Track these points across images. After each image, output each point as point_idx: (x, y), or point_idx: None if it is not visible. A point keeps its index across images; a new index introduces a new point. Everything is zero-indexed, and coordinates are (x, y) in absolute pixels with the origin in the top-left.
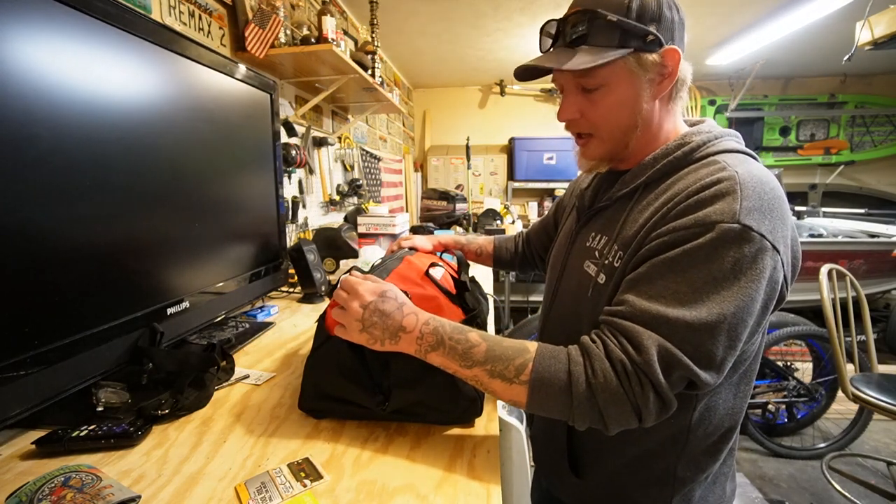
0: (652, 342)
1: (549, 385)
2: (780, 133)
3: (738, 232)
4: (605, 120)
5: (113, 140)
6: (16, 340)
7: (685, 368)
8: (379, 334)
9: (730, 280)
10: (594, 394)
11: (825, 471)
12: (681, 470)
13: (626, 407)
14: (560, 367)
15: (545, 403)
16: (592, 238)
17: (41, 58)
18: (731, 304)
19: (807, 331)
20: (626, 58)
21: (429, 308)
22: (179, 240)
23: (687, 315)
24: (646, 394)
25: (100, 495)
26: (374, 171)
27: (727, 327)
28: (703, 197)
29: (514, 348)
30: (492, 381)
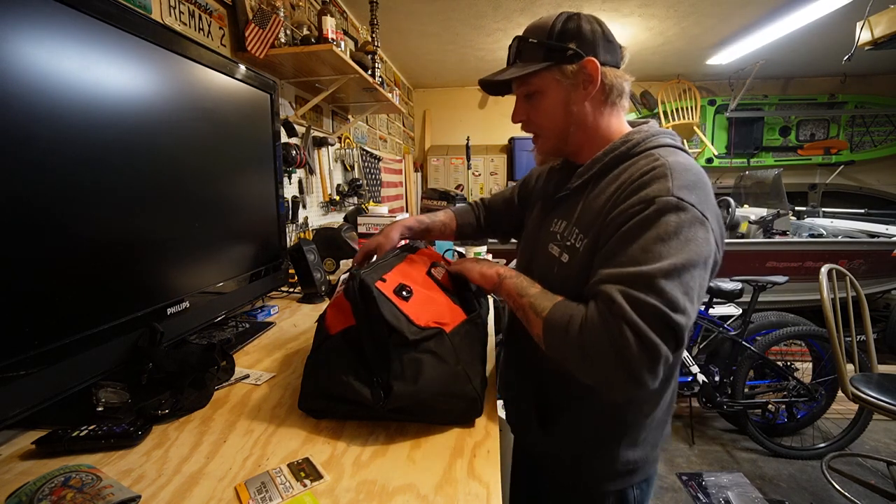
0: (618, 292)
1: (556, 321)
2: (780, 133)
3: (674, 202)
4: (544, 120)
5: (113, 140)
6: (16, 340)
7: (653, 309)
8: (481, 264)
9: (674, 238)
10: (582, 334)
11: (825, 471)
12: (630, 416)
13: (607, 348)
14: (567, 310)
15: (551, 338)
16: (555, 223)
17: (41, 58)
18: (680, 256)
19: (807, 331)
20: (551, 69)
21: (430, 307)
22: (179, 240)
23: (642, 268)
24: (626, 335)
25: (100, 495)
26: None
27: (678, 273)
28: (642, 181)
29: (549, 296)
30: (530, 312)
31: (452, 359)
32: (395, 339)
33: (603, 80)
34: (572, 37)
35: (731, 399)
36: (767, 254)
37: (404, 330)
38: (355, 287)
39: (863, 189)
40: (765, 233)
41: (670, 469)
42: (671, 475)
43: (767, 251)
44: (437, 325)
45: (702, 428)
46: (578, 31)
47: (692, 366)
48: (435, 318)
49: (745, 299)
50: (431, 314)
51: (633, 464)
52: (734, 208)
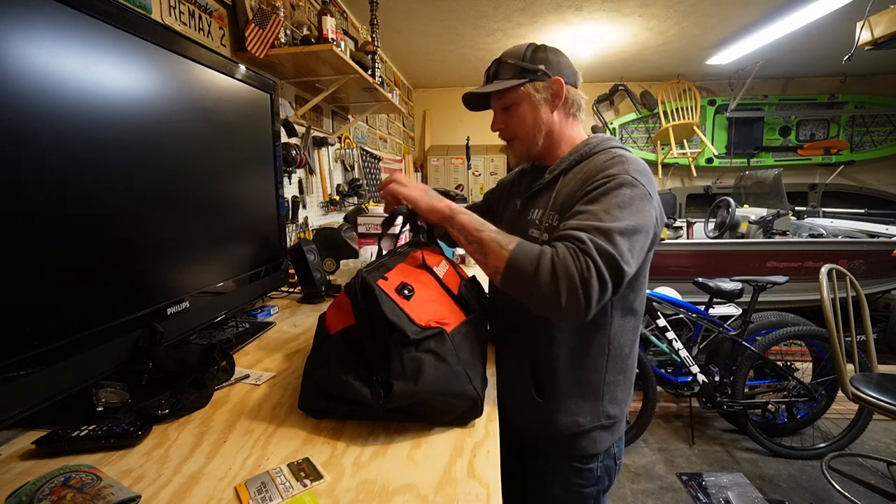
0: (586, 237)
1: (524, 256)
2: (780, 133)
3: (631, 180)
4: (518, 127)
5: (113, 140)
6: (16, 340)
7: (610, 255)
8: (431, 193)
9: (629, 207)
10: (555, 266)
11: (825, 471)
12: (608, 375)
13: (576, 279)
14: (535, 248)
15: (519, 268)
16: (532, 213)
17: (41, 58)
18: (631, 221)
19: (807, 331)
20: (525, 85)
21: (431, 306)
22: (179, 240)
23: (604, 224)
24: (591, 270)
25: (100, 495)
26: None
27: (629, 234)
28: (606, 165)
29: (509, 235)
30: (490, 244)
31: (453, 358)
32: (396, 338)
33: (566, 96)
34: (541, 61)
35: (731, 399)
36: (767, 254)
37: (405, 329)
38: (357, 285)
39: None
40: (765, 233)
41: (670, 469)
42: (671, 475)
43: (767, 251)
44: (437, 324)
45: (702, 428)
46: (546, 57)
47: (692, 366)
48: (436, 317)
49: (745, 299)
50: (432, 313)
51: (614, 418)
52: (734, 208)
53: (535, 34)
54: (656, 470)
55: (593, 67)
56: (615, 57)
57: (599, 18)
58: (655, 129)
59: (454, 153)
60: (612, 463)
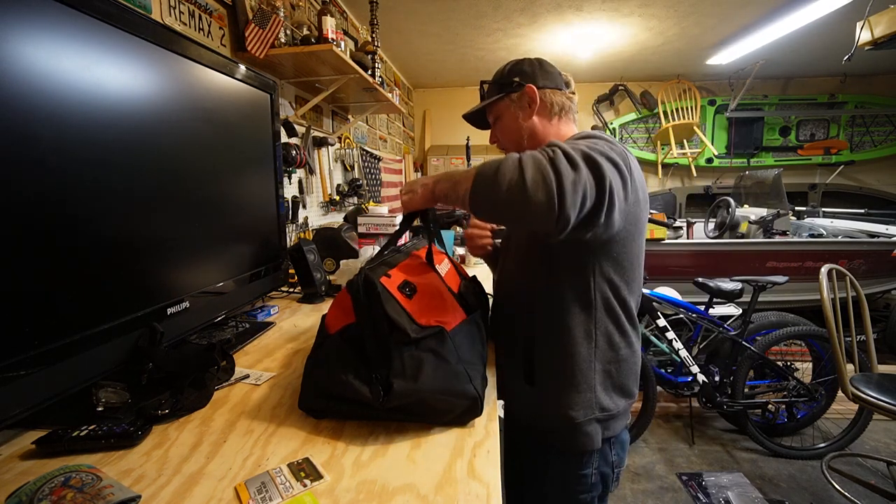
0: (554, 144)
1: (489, 165)
2: (780, 133)
3: (585, 132)
4: (504, 136)
5: (113, 140)
6: (16, 340)
7: (580, 151)
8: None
9: (591, 140)
10: (521, 158)
11: (825, 471)
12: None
13: (542, 159)
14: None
15: (483, 181)
16: None
17: (42, 58)
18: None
19: (807, 331)
20: (503, 98)
21: (432, 305)
22: (179, 240)
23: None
24: (557, 154)
25: (100, 495)
26: (374, 171)
27: (598, 151)
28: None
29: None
30: (458, 174)
31: (453, 357)
32: (397, 337)
33: (542, 99)
34: (516, 73)
35: (731, 399)
36: (767, 254)
37: (406, 327)
38: (360, 282)
39: (863, 189)
40: (765, 233)
41: (670, 469)
42: (671, 475)
43: (767, 251)
44: (438, 323)
45: (702, 428)
46: (521, 69)
47: (692, 366)
48: (436, 316)
49: (745, 299)
50: (433, 312)
51: (609, 410)
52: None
53: (535, 34)
54: (656, 470)
55: (593, 67)
56: (615, 57)
57: (599, 18)
58: (655, 129)
59: (454, 153)
60: (608, 471)
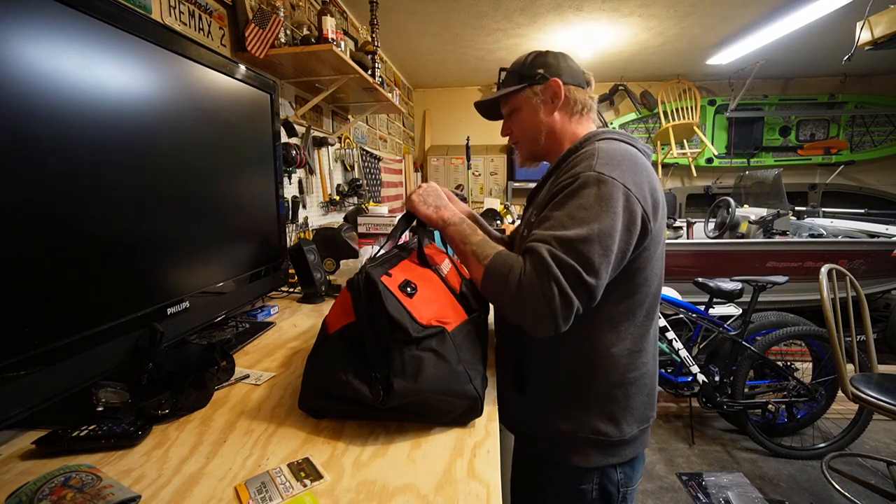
0: (546, 251)
1: (496, 271)
2: (780, 133)
3: (595, 176)
4: (521, 130)
5: (113, 140)
6: (16, 340)
7: (573, 270)
8: (430, 202)
9: (594, 207)
10: (521, 286)
11: (825, 471)
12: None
13: (541, 299)
14: (507, 262)
15: (490, 285)
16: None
17: (42, 58)
18: (596, 224)
19: (807, 331)
20: (524, 90)
21: (434, 305)
22: (180, 239)
23: (566, 233)
24: (552, 289)
25: (100, 495)
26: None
27: (596, 239)
28: (574, 162)
29: (491, 244)
30: (472, 258)
31: (454, 358)
32: (398, 336)
33: (567, 95)
34: (540, 65)
35: (731, 399)
36: (767, 254)
37: (407, 327)
38: (360, 281)
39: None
40: (765, 233)
41: (670, 469)
42: (671, 475)
43: (767, 251)
44: (439, 323)
45: (702, 428)
46: (545, 61)
47: (692, 366)
48: (437, 316)
49: (745, 299)
50: (434, 312)
51: (606, 436)
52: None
53: (535, 34)
54: (656, 470)
55: (593, 67)
56: (615, 57)
57: (599, 18)
58: (655, 129)
59: (454, 153)
60: (612, 489)
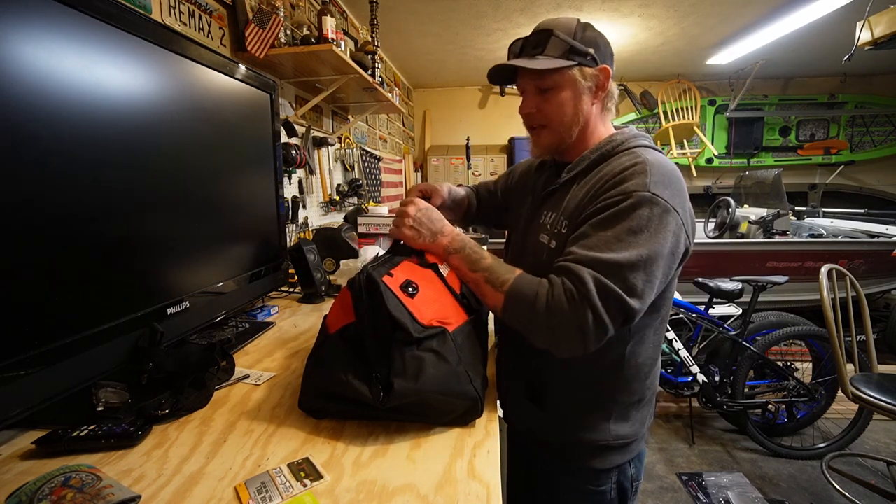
0: (590, 276)
1: (520, 297)
2: (780, 133)
3: (649, 197)
4: (555, 114)
5: (112, 140)
6: (16, 340)
7: (616, 296)
8: (425, 232)
9: (644, 231)
10: (550, 311)
11: (825, 471)
12: (619, 395)
13: (573, 326)
14: (532, 287)
15: (514, 312)
16: (545, 216)
17: (41, 58)
18: (646, 248)
19: (807, 331)
20: (573, 68)
21: (434, 305)
22: (179, 240)
23: (614, 256)
24: (587, 317)
25: (100, 495)
26: (374, 171)
27: (643, 265)
28: (623, 176)
29: (507, 268)
30: (485, 286)
31: (454, 358)
32: (399, 336)
33: (609, 88)
34: (591, 43)
35: (731, 399)
36: (767, 254)
37: (408, 327)
38: (361, 281)
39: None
40: (765, 233)
41: (670, 469)
42: (671, 475)
43: (767, 251)
44: (440, 323)
45: (702, 428)
46: (596, 40)
47: (692, 366)
48: (438, 316)
49: (745, 299)
50: (435, 312)
51: (626, 438)
52: (734, 208)
53: None
54: (656, 470)
55: None
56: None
57: (599, 18)
58: (655, 129)
59: (454, 153)
60: (628, 485)
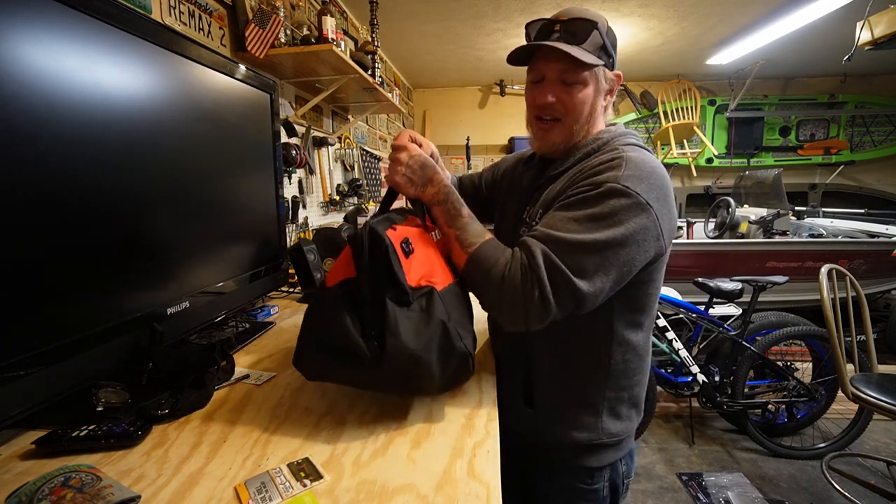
0: (539, 250)
1: (480, 263)
2: (780, 133)
3: (619, 189)
4: (576, 109)
5: (112, 140)
6: (16, 340)
7: (562, 273)
8: (417, 179)
9: (607, 219)
10: (503, 280)
11: (825, 471)
12: (609, 391)
13: (519, 298)
14: (494, 254)
15: (472, 273)
16: (527, 212)
17: (41, 58)
18: (604, 234)
19: (807, 331)
20: (600, 67)
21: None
22: (179, 240)
23: (568, 236)
24: (533, 292)
25: (100, 495)
26: (374, 171)
27: (599, 249)
28: (599, 169)
29: (479, 231)
30: (454, 243)
31: (444, 316)
32: (392, 294)
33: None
34: (614, 46)
35: (731, 399)
36: (767, 254)
37: (403, 285)
38: (365, 233)
39: (863, 189)
40: (765, 233)
41: (670, 469)
42: (671, 475)
43: (767, 251)
44: (428, 283)
45: (702, 428)
46: (615, 43)
47: (692, 366)
48: (427, 276)
49: (745, 299)
50: (425, 273)
51: (618, 435)
52: (734, 208)
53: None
54: (656, 470)
55: None
56: None
57: None
58: (655, 129)
59: (454, 153)
60: (619, 482)
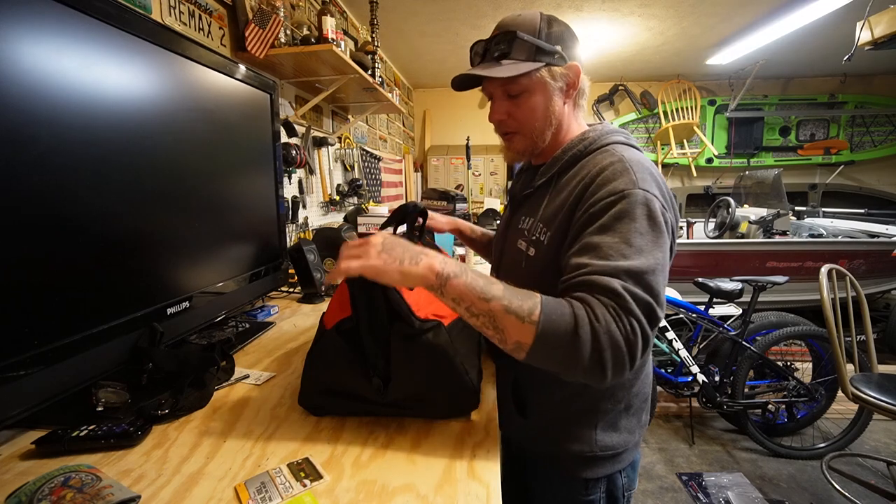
0: (622, 288)
1: (557, 327)
2: (780, 133)
3: (642, 196)
4: (527, 119)
5: (112, 140)
6: (16, 340)
7: (647, 304)
8: (399, 254)
9: (651, 233)
10: (598, 336)
11: (825, 471)
12: (602, 402)
13: (622, 349)
14: (566, 311)
15: (549, 346)
16: (522, 221)
17: (41, 58)
18: (657, 250)
19: (807, 331)
20: (541, 70)
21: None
22: (180, 240)
23: (635, 264)
24: (636, 333)
25: (100, 495)
26: (374, 171)
27: (660, 268)
28: (606, 176)
29: (524, 292)
30: (506, 317)
31: (451, 350)
32: (397, 328)
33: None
34: (558, 40)
35: (731, 399)
36: (767, 254)
37: (406, 319)
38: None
39: (863, 189)
40: (765, 233)
41: (670, 469)
42: (671, 475)
43: (767, 251)
44: (435, 317)
45: (702, 428)
46: (562, 35)
47: (692, 366)
48: (434, 310)
49: (745, 299)
50: (430, 306)
51: (614, 448)
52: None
53: None
54: (656, 470)
55: (593, 67)
56: (615, 57)
57: (599, 18)
58: (655, 129)
59: (454, 153)
60: (619, 494)
